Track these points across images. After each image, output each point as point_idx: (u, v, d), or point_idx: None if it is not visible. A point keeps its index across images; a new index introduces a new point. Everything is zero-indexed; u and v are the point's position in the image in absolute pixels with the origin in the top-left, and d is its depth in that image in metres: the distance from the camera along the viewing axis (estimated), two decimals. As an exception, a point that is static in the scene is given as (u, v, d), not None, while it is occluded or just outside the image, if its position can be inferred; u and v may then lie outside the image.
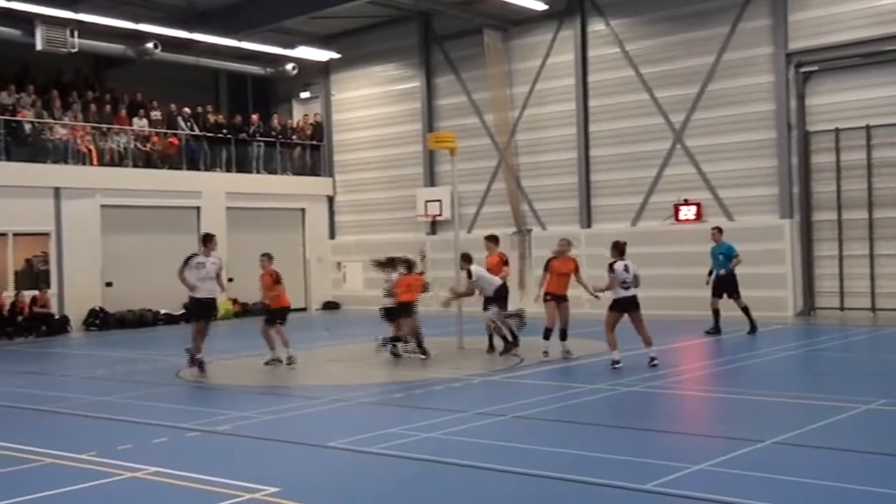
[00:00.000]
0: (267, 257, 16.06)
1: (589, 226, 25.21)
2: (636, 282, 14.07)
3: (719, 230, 18.94)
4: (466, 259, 16.32)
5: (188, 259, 14.97)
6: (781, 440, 8.82)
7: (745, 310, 18.13)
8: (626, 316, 14.15)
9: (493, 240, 17.19)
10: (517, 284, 25.80)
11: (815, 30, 21.70)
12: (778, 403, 11.04)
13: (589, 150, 25.24)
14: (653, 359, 13.87)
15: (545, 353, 15.03)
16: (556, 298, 15.03)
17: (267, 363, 15.55)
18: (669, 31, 23.85)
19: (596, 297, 14.94)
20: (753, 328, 18.07)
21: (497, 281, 16.08)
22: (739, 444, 8.64)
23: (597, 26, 25.07)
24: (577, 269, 15.39)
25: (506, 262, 16.90)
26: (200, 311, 15.01)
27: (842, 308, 21.58)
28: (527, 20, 25.96)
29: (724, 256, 18.36)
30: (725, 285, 18.29)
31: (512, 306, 16.54)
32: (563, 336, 15.12)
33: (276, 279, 15.81)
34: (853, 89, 21.30)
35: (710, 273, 18.57)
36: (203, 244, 15.30)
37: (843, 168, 21.53)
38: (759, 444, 8.64)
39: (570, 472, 7.80)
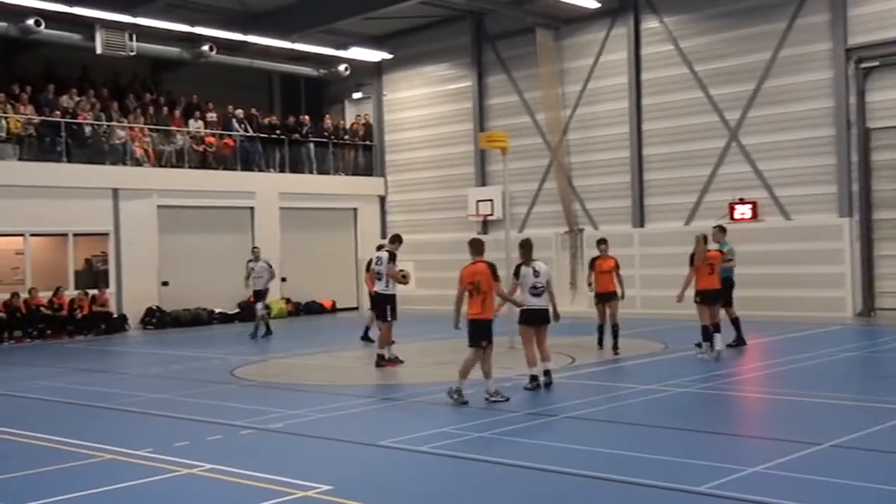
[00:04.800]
0: (606, 244, 16.29)
1: (642, 225, 24.98)
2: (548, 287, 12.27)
3: (721, 230, 16.51)
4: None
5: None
6: (839, 443, 8.64)
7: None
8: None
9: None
10: (568, 283, 25.72)
11: (875, 24, 21.23)
12: (836, 406, 10.83)
13: (642, 148, 25.01)
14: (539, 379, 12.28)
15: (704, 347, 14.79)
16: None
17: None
18: (725, 28, 23.52)
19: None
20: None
21: None
22: (796, 447, 8.49)
23: (650, 23, 24.83)
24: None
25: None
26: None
27: (903, 308, 21.11)
28: (579, 18, 25.81)
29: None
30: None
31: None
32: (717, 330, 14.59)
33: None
34: (915, 85, 20.83)
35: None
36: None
37: (905, 165, 21.07)
38: (817, 447, 8.48)
39: (621, 474, 7.73)
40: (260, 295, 21.09)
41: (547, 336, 12.40)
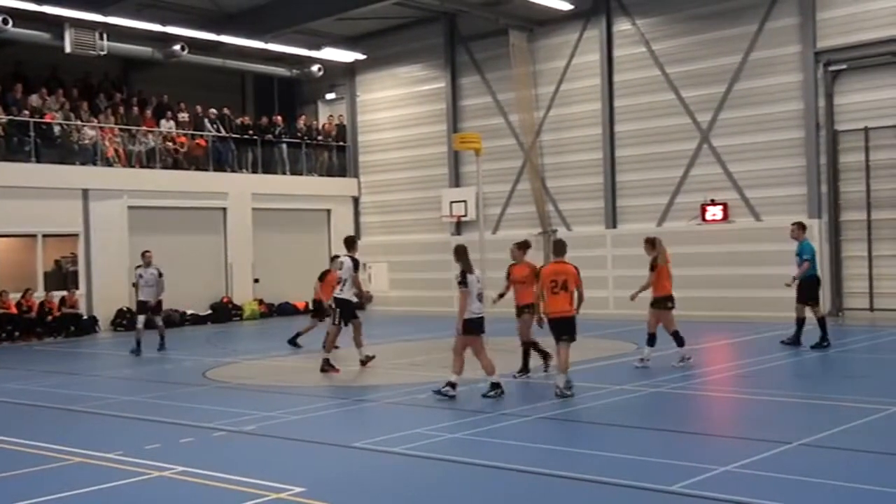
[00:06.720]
0: (519, 247, 13.71)
1: (614, 226, 25.12)
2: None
3: (801, 227, 16.26)
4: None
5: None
6: (809, 442, 8.74)
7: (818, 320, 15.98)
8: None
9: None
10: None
11: (843, 28, 21.48)
12: (806, 405, 10.95)
13: (615, 150, 25.14)
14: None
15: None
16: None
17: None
18: (696, 31, 23.70)
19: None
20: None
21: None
22: (766, 446, 8.57)
23: (623, 26, 24.97)
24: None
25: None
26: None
27: (871, 309, 21.34)
28: (552, 20, 25.90)
29: (799, 258, 15.94)
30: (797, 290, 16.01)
31: None
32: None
33: (535, 272, 13.07)
34: (882, 88, 21.05)
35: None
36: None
37: (873, 167, 21.31)
38: (787, 446, 8.57)
39: (595, 474, 7.77)
40: (145, 307, 18.85)
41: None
